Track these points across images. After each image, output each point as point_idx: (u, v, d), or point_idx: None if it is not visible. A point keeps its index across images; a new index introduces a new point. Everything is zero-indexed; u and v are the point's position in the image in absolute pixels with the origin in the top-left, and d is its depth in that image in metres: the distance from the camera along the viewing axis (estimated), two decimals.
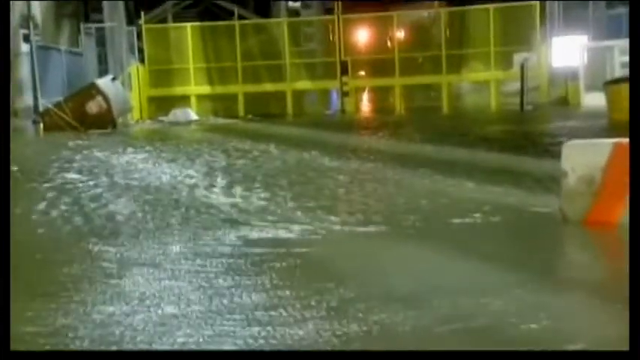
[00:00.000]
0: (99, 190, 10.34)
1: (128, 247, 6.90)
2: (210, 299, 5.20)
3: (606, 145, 7.13)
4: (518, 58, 25.40)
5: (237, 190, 9.93)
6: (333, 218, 7.88)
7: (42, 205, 9.25)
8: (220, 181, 10.77)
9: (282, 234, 7.24)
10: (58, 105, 21.53)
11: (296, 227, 7.47)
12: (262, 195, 9.40)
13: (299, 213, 8.19)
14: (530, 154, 12.80)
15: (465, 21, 26.65)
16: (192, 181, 10.90)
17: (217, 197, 9.48)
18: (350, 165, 12.38)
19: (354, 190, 9.85)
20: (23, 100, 23.57)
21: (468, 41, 26.45)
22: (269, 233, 7.28)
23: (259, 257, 6.31)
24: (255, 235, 7.22)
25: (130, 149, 15.83)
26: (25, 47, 23.34)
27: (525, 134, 17.24)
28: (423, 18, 28.35)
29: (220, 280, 5.67)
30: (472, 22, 26.48)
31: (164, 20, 31.52)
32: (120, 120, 22.67)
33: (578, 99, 24.09)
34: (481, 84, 27.06)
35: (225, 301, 5.14)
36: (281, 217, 8.04)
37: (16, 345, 4.29)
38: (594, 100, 21.33)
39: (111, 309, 5.06)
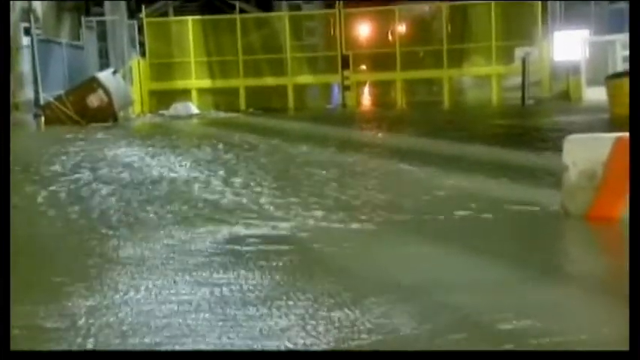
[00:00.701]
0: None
1: None
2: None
3: (608, 139, 7.10)
4: (519, 52, 25.34)
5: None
6: (317, 214, 7.85)
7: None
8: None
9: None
10: (59, 98, 21.53)
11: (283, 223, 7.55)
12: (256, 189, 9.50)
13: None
14: (531, 148, 12.76)
15: (466, 15, 26.61)
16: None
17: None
18: (349, 159, 12.37)
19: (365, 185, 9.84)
20: (24, 93, 23.58)
21: (469, 36, 26.41)
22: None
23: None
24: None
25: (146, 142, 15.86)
26: (26, 41, 23.33)
27: (526, 129, 17.21)
28: (424, 12, 28.24)
29: None
30: (474, 17, 26.44)
31: (165, 14, 31.48)
32: (121, 114, 22.66)
33: (579, 93, 24.04)
34: (482, 78, 27.04)
35: None
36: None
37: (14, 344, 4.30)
38: (596, 95, 21.31)
39: None
